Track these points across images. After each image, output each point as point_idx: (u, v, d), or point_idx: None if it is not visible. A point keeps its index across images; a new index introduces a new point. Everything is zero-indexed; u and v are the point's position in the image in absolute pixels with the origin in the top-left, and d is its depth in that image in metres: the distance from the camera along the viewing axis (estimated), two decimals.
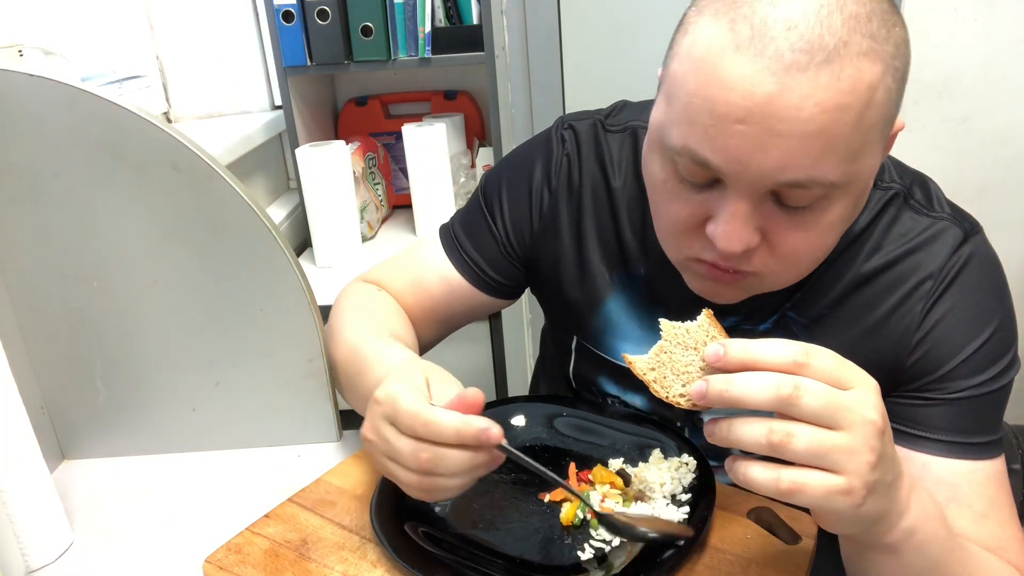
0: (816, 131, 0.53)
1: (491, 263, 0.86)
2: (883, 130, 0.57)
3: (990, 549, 0.65)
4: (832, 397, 0.47)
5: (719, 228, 0.59)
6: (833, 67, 0.52)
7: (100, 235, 0.84)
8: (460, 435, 0.56)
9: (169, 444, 0.94)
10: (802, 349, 0.48)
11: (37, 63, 1.36)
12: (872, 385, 0.50)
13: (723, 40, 0.54)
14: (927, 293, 0.68)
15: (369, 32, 1.65)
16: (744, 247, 0.59)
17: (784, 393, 0.47)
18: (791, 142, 0.53)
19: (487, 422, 0.56)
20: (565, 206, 0.82)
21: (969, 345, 0.68)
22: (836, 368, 0.49)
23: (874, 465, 0.48)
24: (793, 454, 0.47)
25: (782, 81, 0.52)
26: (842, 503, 0.48)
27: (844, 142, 0.54)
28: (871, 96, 0.53)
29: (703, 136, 0.56)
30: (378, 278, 0.91)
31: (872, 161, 0.58)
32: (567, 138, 0.83)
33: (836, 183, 0.56)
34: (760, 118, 0.53)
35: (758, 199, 0.57)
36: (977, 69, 1.68)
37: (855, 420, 0.47)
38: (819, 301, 0.72)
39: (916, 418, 0.69)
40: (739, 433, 0.49)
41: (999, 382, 0.68)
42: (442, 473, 0.58)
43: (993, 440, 0.68)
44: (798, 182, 0.55)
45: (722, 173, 0.57)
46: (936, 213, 0.70)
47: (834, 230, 0.61)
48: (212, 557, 0.69)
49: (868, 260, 0.70)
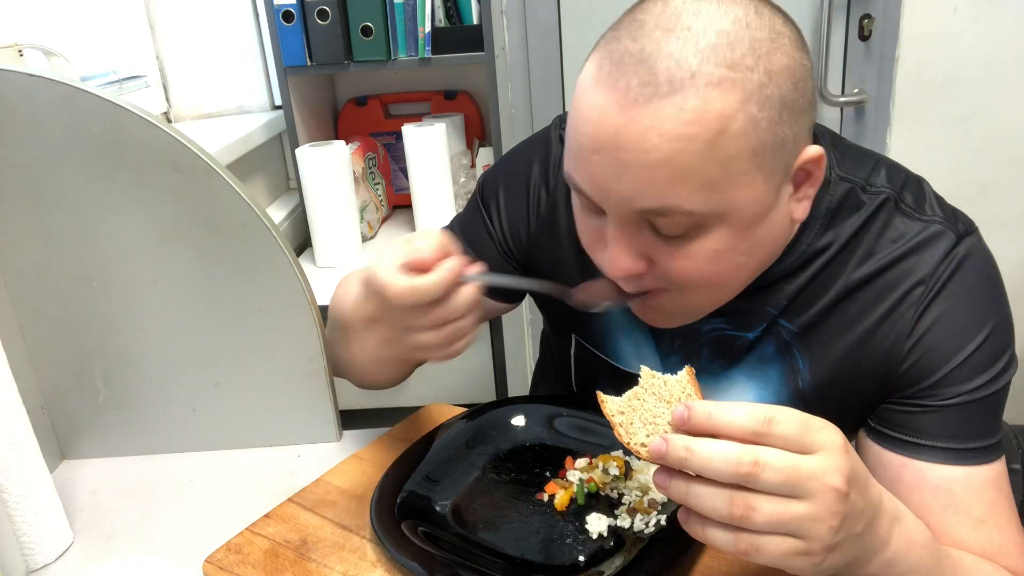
0: (660, 161, 0.55)
1: (488, 265, 0.85)
2: (755, 160, 0.56)
3: (989, 555, 0.65)
4: (793, 469, 0.47)
5: (606, 254, 0.63)
6: (676, 98, 0.54)
7: (100, 235, 0.84)
8: (446, 283, 0.62)
9: (169, 444, 0.94)
10: (764, 417, 0.47)
11: (37, 63, 1.36)
12: (838, 444, 0.49)
13: (590, 75, 0.59)
14: (918, 299, 0.68)
15: (369, 32, 1.65)
16: (624, 272, 0.62)
17: (743, 471, 0.46)
18: (639, 171, 0.56)
19: (455, 260, 0.63)
20: (564, 205, 0.82)
21: (962, 351, 0.67)
22: (800, 434, 0.48)
23: (837, 529, 0.48)
24: (753, 526, 0.47)
25: (627, 114, 0.55)
26: (802, 563, 0.48)
27: (695, 172, 0.55)
28: (723, 126, 0.54)
29: (574, 164, 0.61)
30: None
31: (748, 192, 0.58)
32: (564, 136, 0.83)
33: (697, 212, 0.57)
34: (610, 149, 0.56)
35: (633, 226, 0.60)
36: (977, 69, 1.68)
37: (817, 489, 0.47)
38: (810, 309, 0.71)
39: (911, 425, 0.68)
40: (698, 500, 0.48)
41: (995, 385, 0.67)
42: (455, 315, 0.64)
43: (990, 444, 0.67)
44: (655, 210, 0.58)
45: (593, 199, 0.61)
46: (927, 217, 0.69)
47: (724, 259, 0.61)
48: (212, 557, 0.69)
49: (860, 267, 0.69)
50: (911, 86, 1.70)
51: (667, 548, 0.65)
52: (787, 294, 0.71)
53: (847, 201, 0.70)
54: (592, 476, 0.74)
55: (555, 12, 1.88)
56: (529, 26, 1.90)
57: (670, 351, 0.78)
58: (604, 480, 0.74)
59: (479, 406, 0.86)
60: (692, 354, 0.76)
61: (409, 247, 0.64)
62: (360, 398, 1.58)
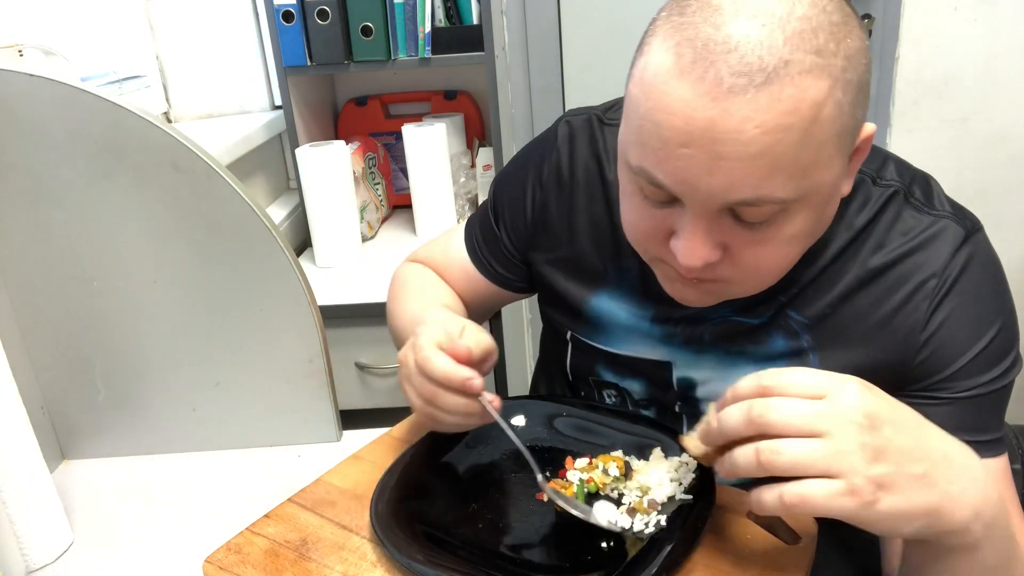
0: (758, 152, 0.54)
1: (500, 262, 0.90)
2: (839, 143, 0.57)
3: None
4: (801, 407, 0.50)
5: (680, 244, 0.61)
6: (773, 88, 0.52)
7: (100, 235, 0.84)
8: (448, 379, 0.67)
9: (169, 444, 0.94)
10: (767, 373, 0.52)
11: (37, 63, 1.36)
12: (852, 386, 0.51)
13: (668, 65, 0.56)
14: (932, 292, 0.68)
15: (369, 32, 1.65)
16: (703, 263, 0.60)
17: (755, 413, 0.51)
18: (734, 164, 0.54)
19: (471, 373, 0.67)
20: (555, 199, 0.82)
21: (975, 345, 0.68)
22: (806, 381, 0.52)
23: (872, 460, 0.48)
24: (782, 469, 0.49)
25: (721, 105, 0.53)
26: (851, 504, 0.49)
27: (791, 160, 0.55)
28: (816, 113, 0.54)
29: (654, 158, 0.58)
30: (422, 258, 0.98)
31: (830, 174, 0.58)
32: (561, 133, 0.84)
33: (788, 199, 0.57)
34: (703, 142, 0.54)
35: (714, 216, 0.59)
36: (977, 69, 1.68)
37: (832, 424, 0.49)
38: (820, 300, 0.72)
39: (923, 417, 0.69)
40: (733, 461, 0.52)
41: (1003, 380, 0.69)
42: (440, 408, 0.69)
43: (996, 438, 0.69)
44: (747, 201, 0.57)
45: (675, 193, 0.59)
46: (937, 211, 0.70)
47: (796, 242, 0.62)
48: (212, 557, 0.69)
49: (872, 257, 0.70)
50: (911, 86, 1.70)
51: (666, 548, 0.65)
52: (798, 283, 0.72)
53: (858, 192, 0.71)
54: (592, 476, 0.74)
55: (555, 12, 1.88)
56: (529, 26, 1.89)
57: (672, 335, 0.78)
58: (604, 480, 0.73)
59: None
60: (694, 337, 0.77)
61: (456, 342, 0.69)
62: (360, 398, 1.59)
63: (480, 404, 0.68)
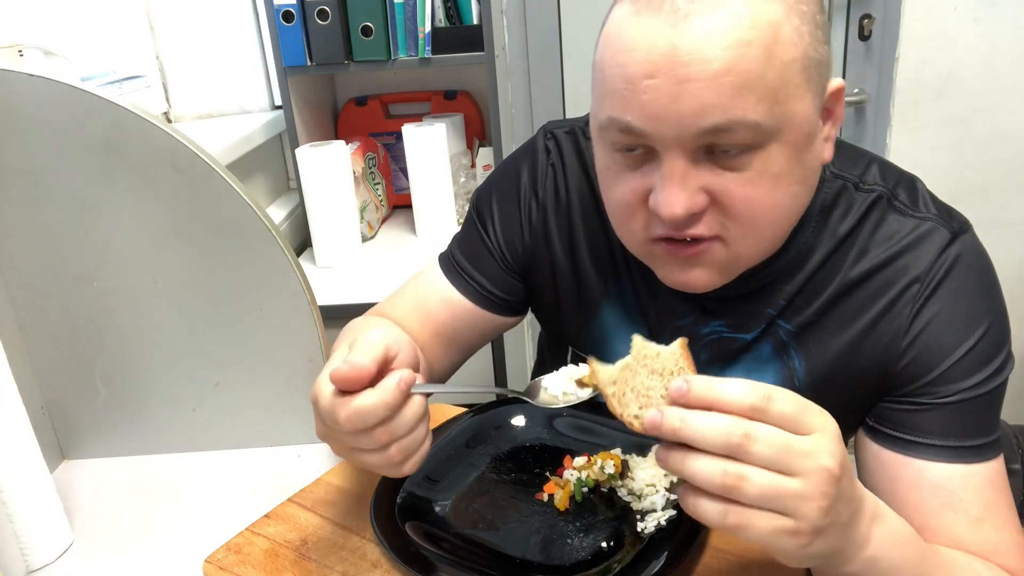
0: (723, 69, 0.55)
1: (492, 280, 0.85)
2: (805, 73, 0.58)
3: (987, 554, 0.64)
4: (786, 444, 0.47)
5: (659, 195, 0.60)
6: (728, 8, 0.55)
7: (100, 235, 0.84)
8: (389, 406, 0.56)
9: (169, 444, 0.94)
10: (763, 394, 0.48)
11: (37, 63, 1.36)
12: (832, 430, 0.49)
13: (625, 11, 0.59)
14: (914, 296, 0.68)
15: (369, 32, 1.65)
16: (685, 209, 0.59)
17: (734, 441, 0.47)
18: (701, 85, 0.55)
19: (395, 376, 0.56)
20: (554, 217, 0.81)
21: (959, 348, 0.67)
22: (796, 413, 0.48)
23: (826, 511, 0.48)
24: (745, 497, 0.47)
25: (680, 29, 0.55)
26: (788, 543, 0.48)
27: (757, 78, 0.55)
28: (776, 32, 0.56)
29: (621, 101, 0.58)
30: (381, 309, 0.88)
31: (801, 106, 0.58)
32: (551, 148, 0.82)
33: (762, 124, 0.56)
34: (667, 68, 0.55)
35: (691, 157, 0.58)
36: (977, 69, 1.68)
37: (809, 467, 0.47)
38: (807, 308, 0.71)
39: (909, 423, 0.68)
40: (693, 468, 0.48)
41: (992, 383, 0.67)
42: (402, 435, 0.58)
43: (989, 442, 0.67)
44: (719, 126, 0.56)
45: (645, 134, 0.58)
46: (921, 214, 0.69)
47: (783, 184, 0.60)
48: (212, 557, 0.69)
49: (855, 265, 0.70)
50: (911, 86, 1.70)
51: (666, 548, 0.65)
52: (785, 295, 0.71)
53: (841, 198, 0.70)
54: (589, 473, 0.74)
55: (555, 12, 1.88)
56: (529, 26, 1.90)
57: None
58: (601, 477, 0.74)
59: (479, 406, 0.86)
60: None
61: (346, 366, 0.56)
62: None
63: (422, 399, 0.59)
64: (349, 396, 0.56)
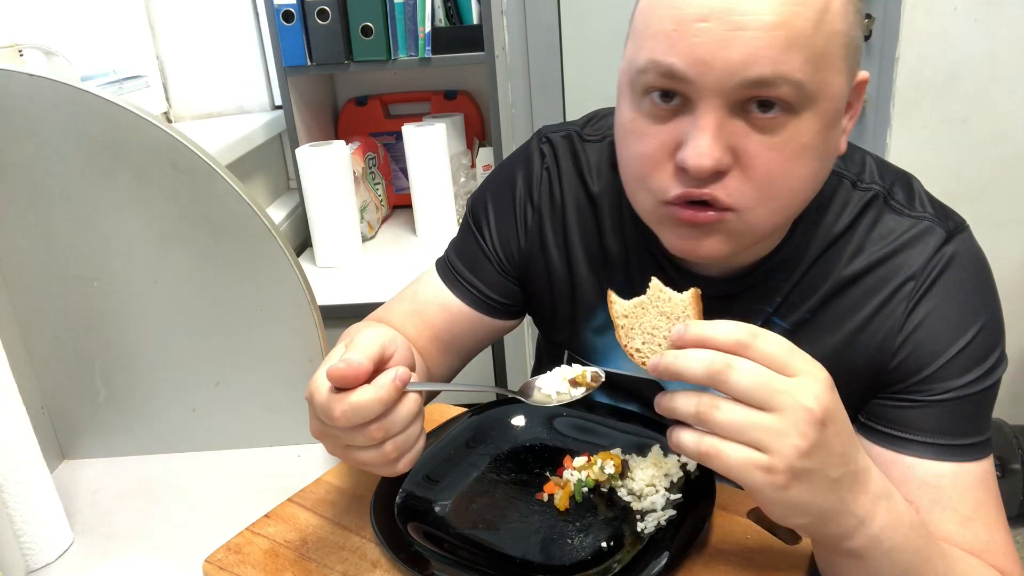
0: (777, 22, 0.55)
1: (488, 284, 0.85)
2: (846, 50, 0.59)
3: (976, 552, 0.64)
4: (765, 378, 0.49)
5: (689, 147, 0.58)
6: None
7: (100, 235, 0.84)
8: (384, 402, 0.56)
9: (169, 444, 0.94)
10: (750, 331, 0.50)
11: (37, 63, 1.36)
12: (821, 378, 0.50)
13: None
14: (909, 294, 0.68)
15: (369, 32, 1.65)
16: (714, 163, 0.58)
17: (715, 368, 0.49)
18: (753, 34, 0.55)
19: (391, 373, 0.57)
20: (550, 221, 0.81)
21: (953, 346, 0.67)
22: (783, 354, 0.50)
23: (804, 452, 0.48)
24: (715, 425, 0.49)
25: None
26: (761, 480, 0.49)
27: (807, 39, 0.56)
28: (828, 3, 0.56)
29: (667, 43, 0.58)
30: (379, 315, 0.88)
31: (838, 82, 0.59)
32: (546, 152, 0.82)
33: (803, 84, 0.56)
34: (721, 13, 0.55)
35: (726, 112, 0.58)
36: (977, 69, 1.68)
37: (787, 403, 0.48)
38: (802, 305, 0.71)
39: (901, 420, 0.68)
40: (672, 402, 0.52)
41: (985, 382, 0.67)
42: (396, 432, 0.58)
43: (980, 441, 0.67)
44: (764, 78, 0.56)
45: (687, 80, 0.57)
46: (918, 213, 0.69)
47: (806, 157, 0.60)
48: (212, 557, 0.69)
49: (850, 263, 0.70)
50: (911, 86, 1.70)
51: (666, 548, 0.65)
52: (781, 292, 0.71)
53: (837, 196, 0.70)
54: (589, 473, 0.74)
55: (555, 12, 1.88)
56: (529, 26, 1.90)
57: None
58: (600, 477, 0.74)
59: (479, 406, 0.86)
60: None
61: (343, 363, 0.56)
62: None
63: (417, 396, 0.60)
64: (345, 393, 0.56)
